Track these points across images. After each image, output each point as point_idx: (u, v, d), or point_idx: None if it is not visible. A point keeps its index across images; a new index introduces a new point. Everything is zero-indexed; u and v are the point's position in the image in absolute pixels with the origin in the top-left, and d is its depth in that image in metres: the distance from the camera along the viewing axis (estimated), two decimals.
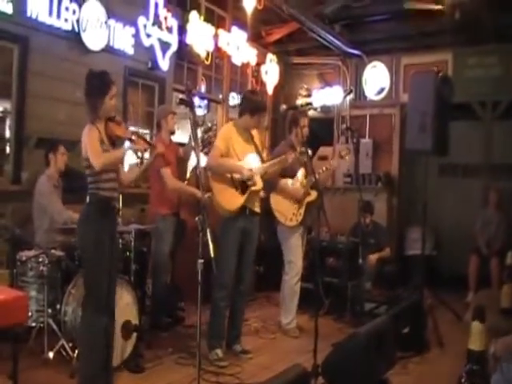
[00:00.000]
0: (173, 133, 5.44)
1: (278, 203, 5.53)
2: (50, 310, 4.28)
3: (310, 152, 5.61)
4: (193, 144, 4.18)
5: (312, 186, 5.45)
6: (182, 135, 7.00)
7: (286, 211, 5.50)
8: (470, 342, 1.69)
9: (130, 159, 3.98)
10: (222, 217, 4.70)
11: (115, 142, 3.72)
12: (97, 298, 3.54)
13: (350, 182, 9.02)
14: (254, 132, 4.95)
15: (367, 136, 9.25)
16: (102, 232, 3.56)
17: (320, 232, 6.79)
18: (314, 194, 5.49)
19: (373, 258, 6.64)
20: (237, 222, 4.66)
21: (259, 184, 4.80)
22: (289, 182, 5.52)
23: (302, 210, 5.50)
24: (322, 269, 6.36)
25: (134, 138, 3.71)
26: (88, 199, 3.64)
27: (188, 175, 5.79)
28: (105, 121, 3.69)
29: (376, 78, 9.26)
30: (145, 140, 3.89)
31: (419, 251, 5.56)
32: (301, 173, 5.56)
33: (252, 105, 4.83)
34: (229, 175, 4.67)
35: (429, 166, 5.53)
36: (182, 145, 5.90)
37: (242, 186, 4.68)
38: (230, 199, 4.67)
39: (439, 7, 7.60)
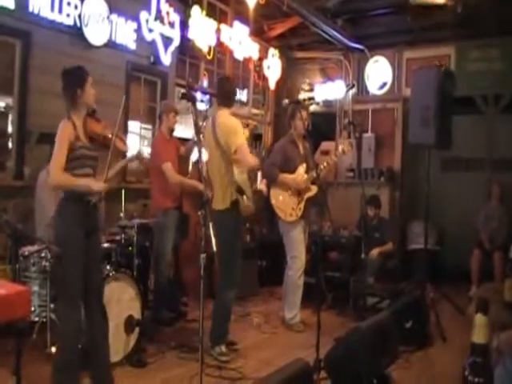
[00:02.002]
0: (172, 130, 5.45)
1: (278, 199, 5.53)
2: (52, 305, 4.28)
3: (307, 146, 5.64)
4: (195, 138, 4.18)
5: (313, 181, 5.46)
6: (184, 130, 7.00)
7: (286, 206, 5.49)
8: (473, 335, 1.68)
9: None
10: (224, 215, 4.60)
11: (94, 138, 3.60)
12: (69, 293, 3.47)
13: (353, 176, 9.01)
14: None
15: (369, 131, 9.24)
16: (73, 226, 3.46)
17: (323, 226, 6.80)
18: (314, 189, 5.49)
19: (375, 252, 6.64)
20: (238, 218, 4.66)
21: None
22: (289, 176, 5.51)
23: (302, 205, 5.48)
24: (325, 263, 6.36)
25: (111, 136, 3.59)
26: (62, 194, 3.55)
27: (190, 169, 5.79)
28: (84, 116, 3.61)
29: (378, 72, 9.23)
30: (123, 141, 3.83)
31: (422, 245, 5.57)
32: (302, 168, 5.55)
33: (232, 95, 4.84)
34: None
35: (431, 160, 5.51)
36: (183, 140, 5.91)
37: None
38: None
39: (443, 1, 7.57)
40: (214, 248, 3.45)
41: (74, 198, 3.49)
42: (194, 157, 5.56)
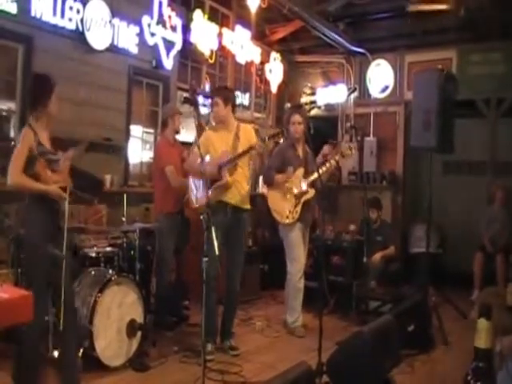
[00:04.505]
0: (178, 132, 5.46)
1: (275, 202, 5.55)
2: (54, 309, 4.28)
3: (309, 150, 5.65)
4: (197, 142, 4.19)
5: (310, 185, 5.47)
6: (186, 134, 7.00)
7: (282, 209, 5.50)
8: (476, 340, 1.68)
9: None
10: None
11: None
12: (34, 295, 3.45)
13: (355, 180, 9.02)
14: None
15: (371, 134, 9.23)
16: (39, 227, 3.46)
17: (325, 230, 6.79)
18: (311, 192, 5.49)
19: (377, 256, 6.63)
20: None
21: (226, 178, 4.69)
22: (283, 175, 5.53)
23: (299, 208, 5.48)
24: (327, 267, 6.34)
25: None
26: (27, 200, 3.54)
27: None
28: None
29: (380, 75, 9.24)
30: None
31: (424, 249, 5.56)
32: (300, 172, 5.55)
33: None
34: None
35: (433, 163, 5.51)
36: (185, 144, 5.92)
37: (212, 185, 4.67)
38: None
39: (442, 7, 7.58)
40: (217, 252, 3.46)
41: (40, 204, 3.47)
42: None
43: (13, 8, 5.17)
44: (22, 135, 3.51)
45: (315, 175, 5.30)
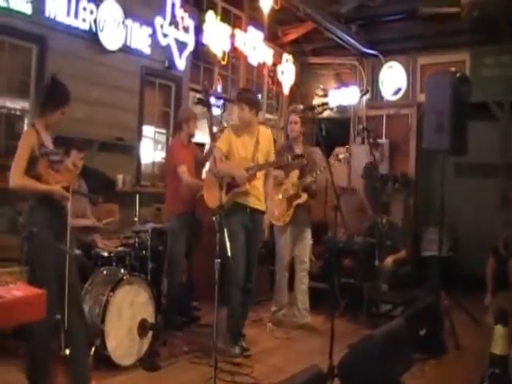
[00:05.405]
0: (192, 136, 5.47)
1: (269, 203, 5.56)
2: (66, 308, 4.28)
3: (319, 150, 5.66)
4: (210, 143, 4.20)
5: (304, 188, 5.48)
6: (198, 134, 7.02)
7: (274, 211, 5.54)
8: (493, 346, 1.66)
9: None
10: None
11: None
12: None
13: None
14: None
15: (384, 136, 9.21)
16: (46, 227, 3.43)
17: (337, 233, 6.76)
18: (304, 197, 5.52)
19: (389, 259, 6.59)
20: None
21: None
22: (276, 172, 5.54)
23: (291, 212, 5.54)
24: (338, 269, 6.33)
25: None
26: (30, 201, 3.51)
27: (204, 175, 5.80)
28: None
29: (392, 78, 9.22)
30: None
31: (436, 252, 5.52)
32: (294, 174, 5.56)
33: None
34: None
35: (446, 166, 5.48)
36: (199, 145, 5.93)
37: (228, 186, 4.69)
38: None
39: (455, 10, 7.54)
40: (229, 253, 3.46)
41: (43, 204, 3.46)
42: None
43: (27, 8, 5.21)
44: (24, 136, 3.49)
45: (309, 179, 5.35)
